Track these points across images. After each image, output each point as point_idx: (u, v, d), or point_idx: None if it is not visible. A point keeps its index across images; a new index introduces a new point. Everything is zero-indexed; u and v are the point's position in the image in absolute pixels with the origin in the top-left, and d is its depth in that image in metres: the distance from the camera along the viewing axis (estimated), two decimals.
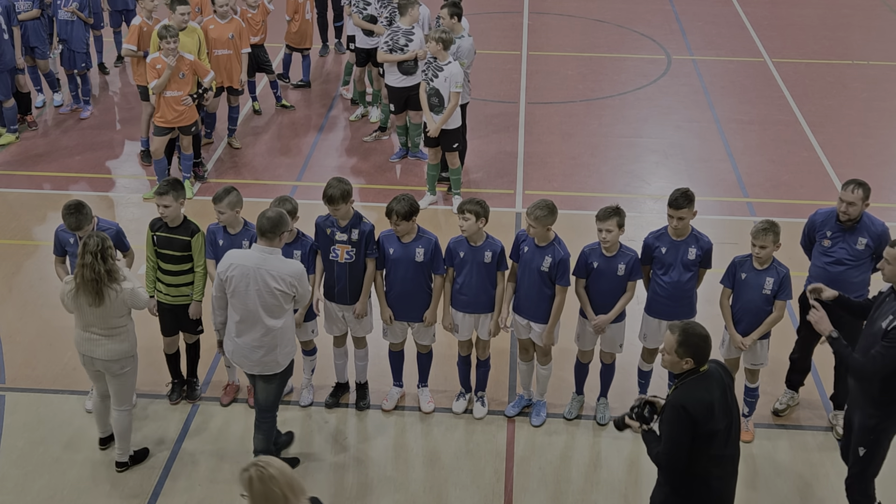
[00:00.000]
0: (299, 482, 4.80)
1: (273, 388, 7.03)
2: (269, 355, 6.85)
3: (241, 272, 6.69)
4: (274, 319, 6.75)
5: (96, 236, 6.68)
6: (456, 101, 10.47)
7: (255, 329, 6.77)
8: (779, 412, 7.98)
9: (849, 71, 15.21)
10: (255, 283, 6.65)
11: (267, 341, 6.80)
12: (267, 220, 6.65)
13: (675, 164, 12.25)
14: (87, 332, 6.90)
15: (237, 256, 6.80)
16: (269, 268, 6.65)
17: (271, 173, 11.86)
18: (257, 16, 12.70)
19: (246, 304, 6.73)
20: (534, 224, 7.28)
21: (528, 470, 7.49)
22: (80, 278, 6.67)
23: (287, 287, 6.68)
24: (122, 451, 7.37)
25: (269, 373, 6.94)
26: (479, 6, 17.31)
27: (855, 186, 7.29)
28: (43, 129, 12.94)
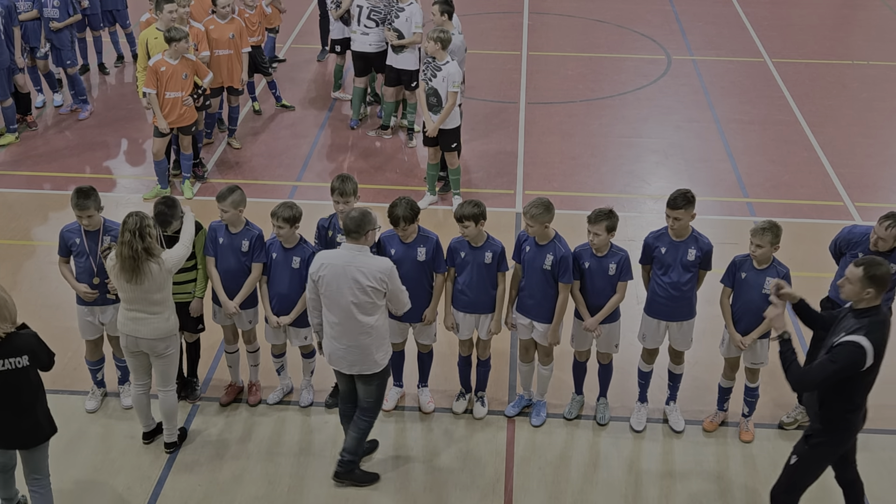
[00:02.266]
0: None
1: (373, 388, 7.04)
2: (367, 355, 6.86)
3: (331, 272, 6.71)
4: (368, 317, 6.76)
5: (135, 215, 6.79)
6: (454, 100, 10.47)
7: (350, 328, 6.79)
8: (785, 426, 7.92)
9: (849, 71, 15.22)
10: (347, 281, 6.67)
11: (363, 340, 6.82)
12: (351, 220, 6.71)
13: (675, 164, 12.25)
14: (131, 312, 7.00)
15: (327, 256, 6.83)
16: (359, 265, 6.68)
17: (271, 173, 11.86)
18: (254, 17, 12.68)
19: (339, 304, 6.74)
20: (531, 223, 7.29)
21: (528, 470, 7.49)
22: (120, 257, 6.80)
23: (377, 283, 6.69)
24: (170, 431, 7.48)
25: (368, 373, 6.94)
26: (479, 6, 17.31)
27: (891, 225, 7.13)
28: (43, 129, 12.94)
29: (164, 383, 7.30)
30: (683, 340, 7.69)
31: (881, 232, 7.16)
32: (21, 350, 6.20)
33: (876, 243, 7.21)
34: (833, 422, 6.17)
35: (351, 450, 7.21)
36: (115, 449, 7.59)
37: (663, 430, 7.89)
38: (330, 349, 6.98)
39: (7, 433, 6.38)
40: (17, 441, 6.45)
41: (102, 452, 7.56)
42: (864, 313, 6.00)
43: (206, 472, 7.41)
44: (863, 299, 5.99)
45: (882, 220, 7.19)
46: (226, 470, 7.42)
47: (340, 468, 7.25)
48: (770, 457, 7.62)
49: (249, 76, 12.94)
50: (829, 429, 6.19)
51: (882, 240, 7.17)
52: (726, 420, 7.96)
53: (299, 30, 16.47)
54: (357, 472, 7.28)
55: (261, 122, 13.21)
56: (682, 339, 7.68)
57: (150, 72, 10.61)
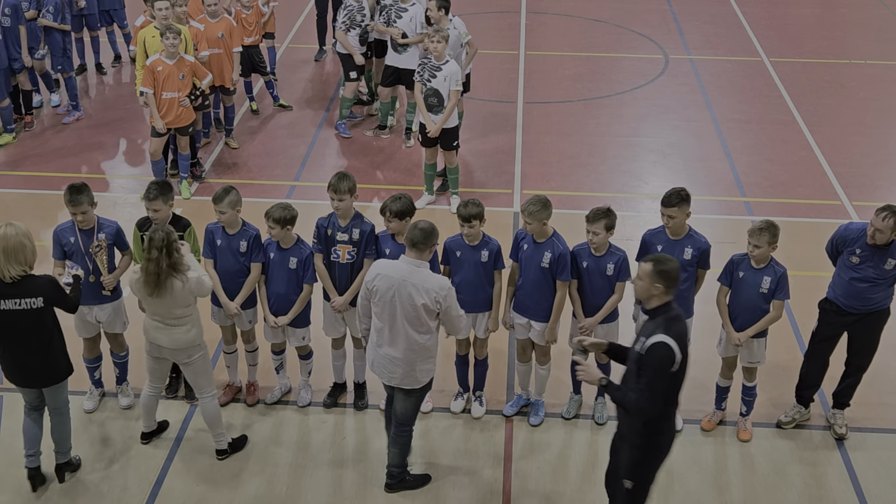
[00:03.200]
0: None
1: (412, 402, 6.97)
2: (409, 370, 6.75)
3: (385, 283, 6.58)
4: (418, 334, 6.63)
5: (161, 230, 6.77)
6: (456, 99, 10.47)
7: (397, 342, 6.68)
8: (783, 425, 7.91)
9: (846, 70, 15.23)
10: (400, 295, 6.54)
11: (408, 356, 6.70)
12: (420, 232, 6.56)
13: (672, 163, 12.25)
14: (153, 321, 7.03)
15: (384, 267, 6.69)
16: (415, 281, 6.53)
17: (269, 173, 11.85)
18: (251, 17, 12.67)
19: (390, 316, 6.62)
20: (529, 220, 7.28)
21: (526, 469, 7.49)
22: (144, 272, 6.79)
23: (432, 302, 6.54)
24: (219, 438, 7.47)
25: (408, 387, 6.86)
26: (477, 6, 17.31)
27: (888, 216, 7.07)
28: (40, 130, 12.93)
29: (199, 390, 7.30)
30: None
31: (878, 223, 7.12)
32: (36, 292, 6.57)
33: (874, 236, 7.17)
34: (656, 424, 6.00)
35: (397, 464, 7.17)
36: (113, 449, 7.59)
37: None
38: (373, 357, 6.89)
39: (23, 372, 6.82)
40: (33, 380, 6.85)
41: (100, 452, 7.55)
42: (656, 312, 5.92)
43: (205, 472, 7.40)
44: (653, 296, 5.90)
45: (879, 211, 7.15)
46: (224, 470, 7.42)
47: (391, 480, 7.21)
48: (768, 456, 7.63)
49: (247, 76, 12.98)
50: (655, 431, 6.01)
51: (879, 231, 7.13)
52: (724, 419, 7.96)
53: (297, 30, 16.46)
54: (408, 480, 7.25)
55: (258, 122, 13.20)
56: None
57: (147, 71, 10.60)
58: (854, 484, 7.36)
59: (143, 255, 6.84)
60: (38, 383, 6.90)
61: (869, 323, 7.47)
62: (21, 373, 6.85)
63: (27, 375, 6.85)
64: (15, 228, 6.58)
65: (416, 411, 7.06)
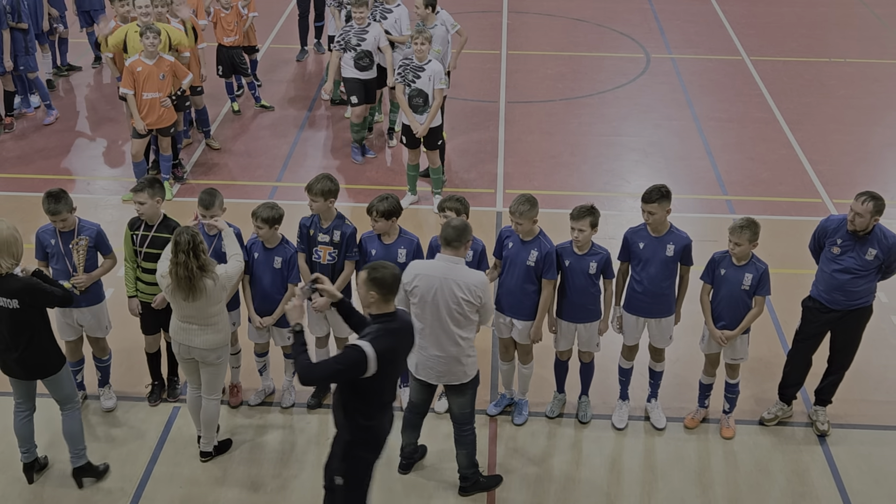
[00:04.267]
0: None
1: (466, 399, 6.97)
2: (455, 366, 6.78)
3: (426, 283, 6.60)
4: (460, 329, 6.68)
5: (186, 233, 6.71)
6: (441, 98, 10.47)
7: (441, 340, 6.70)
8: (766, 422, 7.94)
9: (826, 69, 15.31)
10: (441, 293, 6.57)
11: (453, 352, 6.73)
12: (453, 230, 6.60)
13: (654, 162, 12.29)
14: (184, 323, 6.98)
15: (422, 267, 6.72)
16: (455, 277, 6.57)
17: (251, 174, 11.82)
18: (230, 17, 12.64)
19: (432, 315, 6.64)
20: (520, 220, 7.29)
21: (511, 468, 7.49)
22: (174, 276, 6.72)
23: (472, 297, 6.58)
24: (208, 440, 7.43)
25: (457, 383, 6.87)
26: (459, 5, 17.29)
27: (867, 199, 7.12)
28: (20, 131, 12.85)
29: (209, 391, 7.25)
30: (662, 337, 7.71)
31: (858, 207, 7.15)
32: (12, 294, 6.56)
33: (853, 220, 7.20)
34: (359, 430, 5.96)
35: (468, 465, 7.16)
36: (96, 452, 7.53)
37: (645, 428, 7.91)
38: (416, 359, 6.87)
39: (8, 363, 6.86)
40: (18, 372, 6.89)
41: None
42: (376, 320, 5.88)
43: (188, 474, 7.38)
44: (371, 303, 5.85)
45: (859, 195, 7.19)
46: (208, 472, 7.39)
47: (465, 483, 7.20)
48: (751, 453, 7.66)
49: (228, 77, 12.96)
50: (359, 439, 5.98)
51: (859, 215, 7.15)
52: (707, 417, 7.99)
53: (278, 30, 16.43)
54: (482, 482, 7.24)
55: (240, 123, 13.16)
56: (660, 336, 7.70)
57: (127, 72, 10.54)
58: (836, 480, 7.40)
59: (171, 259, 6.75)
60: (23, 375, 6.89)
61: (851, 320, 7.51)
62: (5, 363, 6.87)
63: (10, 366, 6.87)
64: (4, 223, 6.59)
65: (473, 407, 7.07)
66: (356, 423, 5.96)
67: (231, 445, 7.61)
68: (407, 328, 6.04)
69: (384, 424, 6.10)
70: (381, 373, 5.78)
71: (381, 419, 6.04)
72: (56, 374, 6.94)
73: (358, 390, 5.88)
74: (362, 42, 11.34)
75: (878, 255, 7.26)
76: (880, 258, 7.27)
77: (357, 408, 5.94)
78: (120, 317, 8.12)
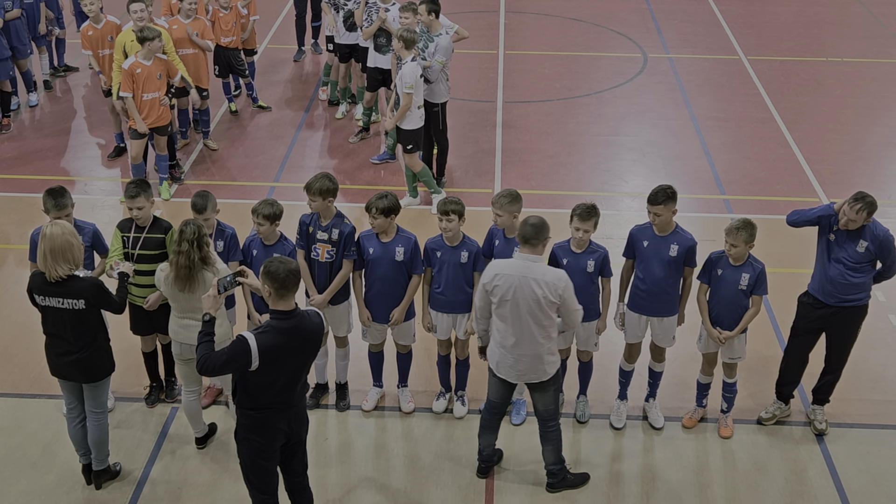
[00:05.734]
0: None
1: (550, 395, 6.97)
2: (537, 364, 6.79)
3: (506, 282, 6.59)
4: (541, 328, 6.67)
5: (192, 224, 6.77)
6: (407, 101, 10.47)
7: (523, 339, 6.70)
8: (763, 421, 7.94)
9: (823, 68, 15.32)
10: (523, 291, 6.56)
11: (535, 349, 6.73)
12: (531, 228, 6.59)
13: (652, 161, 12.30)
14: (184, 319, 7.00)
15: (502, 266, 6.70)
16: (535, 275, 6.55)
17: (248, 174, 11.82)
18: (229, 17, 12.64)
19: (513, 314, 6.64)
20: (499, 212, 7.30)
21: (509, 468, 7.49)
22: (175, 266, 6.75)
23: (553, 295, 6.58)
24: (199, 428, 7.55)
25: (538, 380, 6.87)
26: (456, 5, 17.29)
27: (862, 208, 7.12)
28: (18, 131, 12.84)
29: (189, 384, 7.28)
30: (665, 337, 7.71)
31: (851, 214, 7.14)
32: (79, 294, 6.56)
33: (846, 224, 7.21)
34: (245, 418, 5.98)
35: (555, 461, 7.17)
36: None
37: (643, 427, 7.91)
38: (498, 357, 6.87)
39: (63, 366, 6.84)
40: (72, 373, 6.85)
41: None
42: (271, 315, 5.87)
43: (186, 474, 7.37)
44: (267, 297, 5.86)
45: (854, 202, 7.15)
46: (205, 472, 7.39)
47: (553, 479, 7.20)
48: (749, 452, 7.66)
49: (225, 77, 12.97)
50: (246, 426, 6.00)
51: (852, 221, 7.17)
52: (705, 416, 8.00)
53: (275, 30, 16.42)
54: (569, 478, 7.24)
55: (237, 123, 13.16)
56: (663, 335, 7.70)
57: (126, 75, 10.52)
58: (834, 479, 7.41)
59: (173, 248, 6.80)
60: (78, 377, 6.89)
61: (845, 318, 7.51)
62: (61, 366, 6.86)
63: (66, 369, 6.85)
64: (61, 227, 6.56)
65: (557, 404, 7.08)
66: (244, 412, 5.99)
67: (216, 430, 7.69)
68: (304, 330, 5.92)
69: (274, 419, 6.00)
70: (262, 369, 5.78)
71: (269, 413, 5.98)
72: (106, 378, 6.97)
73: (244, 383, 5.89)
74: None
75: (870, 248, 7.28)
76: (871, 251, 7.29)
77: (243, 398, 5.97)
78: (116, 318, 8.10)
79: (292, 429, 6.14)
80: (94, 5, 11.69)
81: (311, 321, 6.01)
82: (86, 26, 11.85)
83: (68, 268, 6.52)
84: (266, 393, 5.92)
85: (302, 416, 6.24)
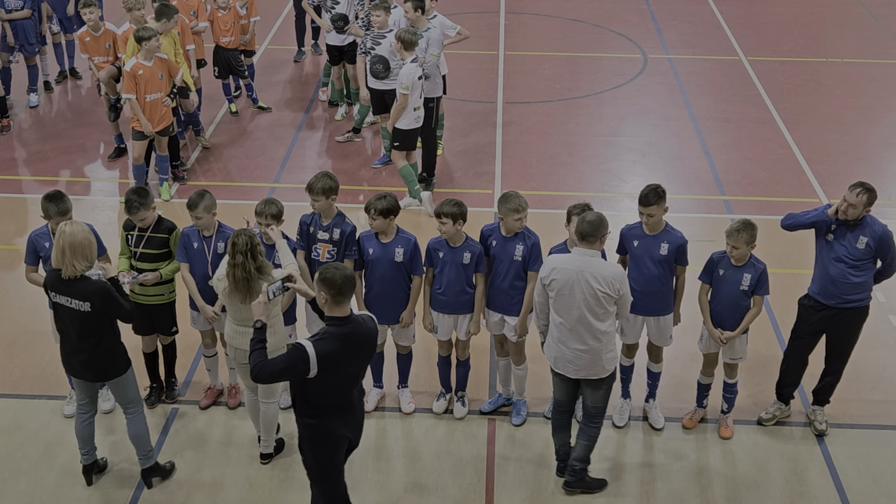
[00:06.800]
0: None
1: (602, 393, 6.99)
2: (596, 359, 6.81)
3: (564, 276, 6.64)
4: (600, 322, 6.70)
5: (244, 234, 6.71)
6: (402, 101, 10.53)
7: (581, 334, 6.73)
8: (764, 421, 7.94)
9: (823, 68, 15.32)
10: (580, 286, 6.60)
11: (593, 345, 6.76)
12: (588, 224, 6.63)
13: (652, 162, 12.30)
14: (240, 327, 6.97)
15: (559, 261, 6.74)
16: (593, 270, 6.60)
17: (248, 175, 11.82)
18: (227, 17, 12.63)
19: (571, 308, 6.68)
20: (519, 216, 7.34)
21: (509, 469, 7.49)
22: (233, 278, 6.72)
23: (610, 290, 6.61)
24: (267, 443, 7.46)
25: (595, 377, 6.89)
26: (456, 6, 17.30)
27: (861, 191, 7.16)
28: (17, 132, 12.84)
29: (266, 396, 7.25)
30: (662, 336, 7.71)
31: (851, 198, 7.16)
32: (85, 298, 6.55)
33: (846, 211, 7.21)
34: (304, 427, 6.03)
35: (583, 458, 7.16)
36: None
37: (643, 428, 7.91)
38: (556, 353, 6.90)
39: (73, 363, 6.87)
40: (83, 372, 6.87)
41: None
42: (327, 321, 5.88)
43: (187, 475, 7.37)
44: (323, 304, 5.86)
45: (853, 187, 7.21)
46: (206, 473, 7.39)
47: (571, 477, 7.19)
48: (749, 453, 7.66)
49: (224, 78, 12.97)
50: (309, 437, 6.05)
51: (852, 206, 7.18)
52: (706, 417, 7.99)
53: (275, 31, 16.43)
54: (588, 479, 7.24)
55: (238, 124, 13.16)
56: (659, 334, 7.70)
57: (129, 77, 10.51)
58: (834, 479, 7.40)
59: (228, 261, 6.75)
60: (88, 376, 6.90)
61: (846, 320, 7.50)
62: (72, 364, 6.89)
63: (76, 367, 6.88)
64: (80, 226, 6.60)
65: (606, 402, 7.09)
66: (304, 420, 6.02)
67: (284, 445, 7.61)
68: (360, 336, 5.93)
69: (335, 425, 6.04)
70: (321, 375, 5.78)
71: (327, 420, 6.00)
72: (121, 376, 6.94)
73: (302, 390, 5.91)
74: (377, 46, 11.29)
75: (869, 244, 7.28)
76: (871, 247, 7.29)
77: (301, 407, 5.99)
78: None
79: (355, 434, 6.22)
80: (94, 14, 11.63)
81: (367, 325, 6.02)
82: (83, 32, 11.83)
83: (85, 265, 6.53)
84: (324, 399, 5.93)
85: (361, 420, 6.28)
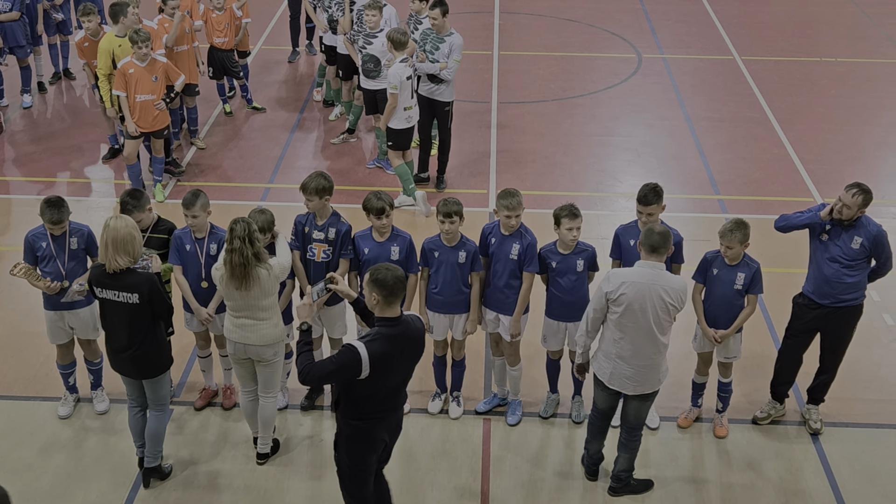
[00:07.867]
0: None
1: (647, 406, 6.98)
2: (654, 374, 6.78)
3: (634, 290, 6.54)
4: (663, 336, 6.67)
5: (242, 221, 6.71)
6: (392, 101, 10.54)
7: (644, 349, 6.67)
8: (759, 420, 7.95)
9: (817, 68, 15.35)
10: (651, 300, 6.53)
11: (655, 359, 6.72)
12: (659, 236, 6.58)
13: (647, 162, 12.30)
14: (239, 319, 6.95)
15: (627, 275, 6.62)
16: (664, 283, 6.54)
17: (243, 176, 11.81)
18: (222, 18, 12.62)
19: (639, 323, 6.59)
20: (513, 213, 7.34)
21: (505, 469, 7.49)
22: (230, 264, 6.71)
23: (679, 302, 6.60)
24: (265, 442, 7.44)
25: (651, 391, 6.86)
26: (451, 6, 17.22)
27: (857, 192, 7.18)
28: (10, 133, 12.82)
29: (266, 390, 7.24)
30: None
31: (847, 199, 7.19)
32: (134, 289, 6.59)
33: (840, 210, 7.23)
34: (349, 428, 6.03)
35: (627, 468, 7.17)
36: (88, 455, 7.53)
37: None
38: (612, 369, 6.80)
39: (120, 361, 6.88)
40: (128, 370, 6.88)
41: (76, 459, 7.50)
42: (378, 322, 5.86)
43: (182, 477, 7.36)
44: (373, 305, 5.84)
45: (849, 187, 7.24)
46: (201, 475, 7.38)
47: (617, 484, 7.20)
48: (744, 452, 7.67)
49: (219, 78, 12.95)
50: (350, 436, 6.05)
51: (847, 207, 7.20)
52: (700, 416, 8.00)
53: (269, 31, 16.41)
54: (633, 484, 7.24)
55: (232, 125, 13.15)
56: None
57: (119, 74, 10.51)
58: (829, 478, 7.42)
59: (225, 247, 6.76)
60: (134, 374, 6.91)
61: (840, 318, 7.51)
62: (118, 361, 6.89)
63: (123, 364, 6.89)
64: (124, 220, 6.60)
65: (647, 414, 7.07)
66: (347, 421, 6.01)
67: (279, 447, 7.60)
68: (410, 336, 5.94)
69: (377, 429, 6.06)
70: (372, 376, 5.76)
71: (374, 422, 6.02)
72: (162, 374, 6.97)
73: (350, 391, 5.88)
74: (368, 46, 11.31)
75: (864, 244, 7.29)
76: (866, 247, 7.30)
77: (348, 408, 5.97)
78: None
79: (392, 438, 6.22)
80: (93, 22, 11.56)
81: (416, 325, 6.02)
82: (81, 38, 11.77)
83: (129, 260, 6.55)
84: (371, 401, 5.92)
85: (400, 423, 6.27)
